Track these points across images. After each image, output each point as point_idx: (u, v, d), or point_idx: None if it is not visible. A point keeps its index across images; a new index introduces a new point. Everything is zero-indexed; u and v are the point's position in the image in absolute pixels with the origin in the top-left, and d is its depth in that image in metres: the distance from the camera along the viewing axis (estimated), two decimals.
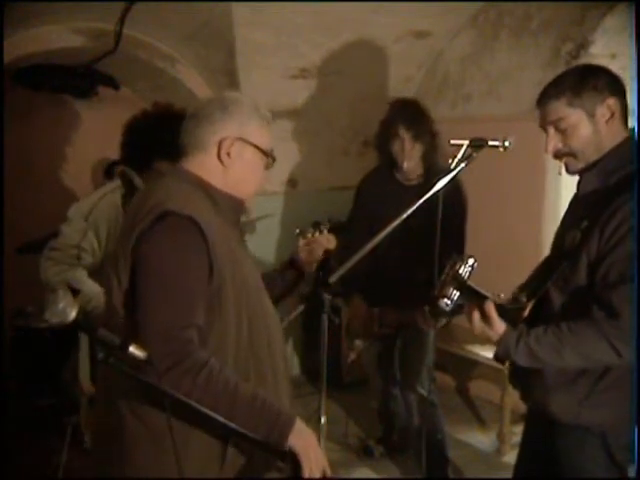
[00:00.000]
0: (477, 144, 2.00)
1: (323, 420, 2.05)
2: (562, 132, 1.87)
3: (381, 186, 3.24)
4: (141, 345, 1.40)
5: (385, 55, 4.21)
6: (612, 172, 1.82)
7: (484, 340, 1.94)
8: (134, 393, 1.55)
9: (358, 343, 3.31)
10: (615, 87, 1.86)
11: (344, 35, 3.96)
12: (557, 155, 1.91)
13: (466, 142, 2.01)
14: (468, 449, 3.69)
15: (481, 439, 3.80)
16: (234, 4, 3.53)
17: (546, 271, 1.95)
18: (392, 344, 3.38)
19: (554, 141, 1.88)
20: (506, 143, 1.97)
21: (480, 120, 4.09)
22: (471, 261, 1.85)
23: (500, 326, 1.82)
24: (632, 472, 1.91)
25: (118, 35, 3.66)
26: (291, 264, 2.22)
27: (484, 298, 1.83)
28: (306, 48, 3.98)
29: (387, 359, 3.44)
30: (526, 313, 1.84)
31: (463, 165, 1.99)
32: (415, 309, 3.08)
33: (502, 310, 1.84)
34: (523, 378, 1.98)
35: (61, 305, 1.34)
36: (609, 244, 1.73)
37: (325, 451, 2.09)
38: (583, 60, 3.63)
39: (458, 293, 1.84)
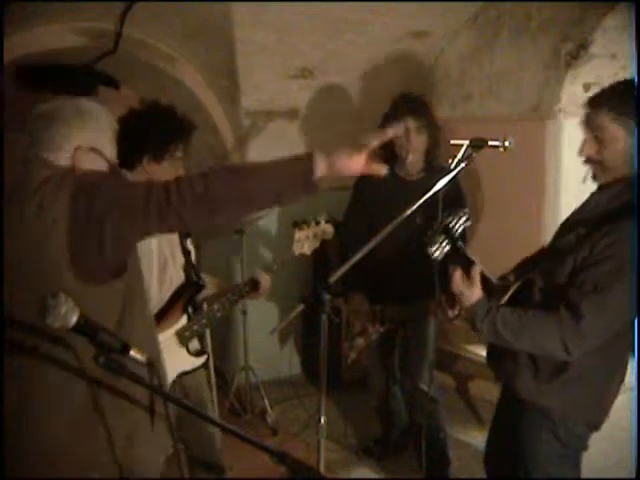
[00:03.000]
0: (477, 144, 2.02)
1: (323, 420, 2.06)
2: (600, 141, 1.93)
3: (380, 182, 3.20)
4: None
5: (385, 55, 4.21)
6: (620, 198, 1.91)
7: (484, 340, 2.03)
8: None
9: (360, 342, 3.29)
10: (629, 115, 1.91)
11: (344, 35, 3.96)
12: (588, 161, 1.98)
13: (466, 142, 2.03)
14: (468, 449, 3.68)
15: (481, 439, 3.78)
16: (234, 4, 3.54)
17: (538, 259, 2.09)
18: (392, 341, 3.37)
19: (589, 147, 1.96)
20: (506, 143, 1.99)
21: (480, 120, 4.09)
22: (464, 217, 2.02)
23: (477, 292, 1.95)
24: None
25: (118, 35, 3.66)
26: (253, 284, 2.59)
27: (470, 261, 1.99)
28: (306, 48, 3.98)
29: (388, 357, 3.44)
30: (511, 292, 1.98)
31: (463, 165, 2.01)
32: (417, 303, 3.08)
33: (490, 285, 1.98)
34: (498, 357, 2.11)
35: (63, 310, 1.34)
36: (595, 258, 1.85)
37: (325, 451, 2.10)
38: (583, 60, 3.63)
39: (448, 246, 2.00)
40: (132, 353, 1.36)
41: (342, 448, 3.69)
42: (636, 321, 1.93)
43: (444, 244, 2.00)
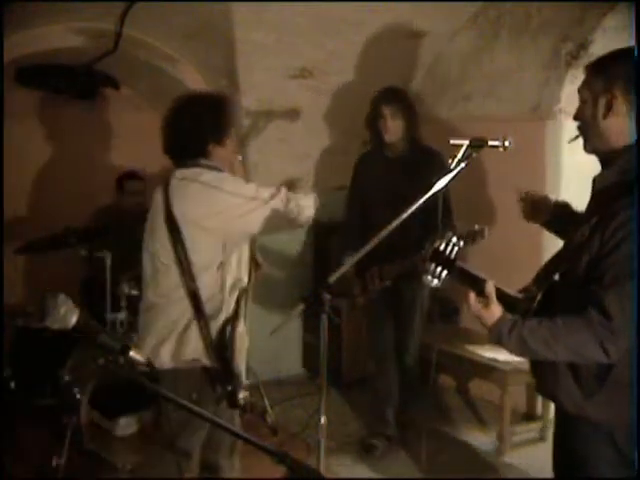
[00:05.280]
0: (477, 144, 2.00)
1: (323, 420, 2.05)
2: (592, 106, 1.84)
3: (371, 163, 3.67)
4: None
5: (385, 55, 4.21)
6: (628, 171, 1.79)
7: (485, 340, 1.94)
8: None
9: (360, 300, 3.57)
10: (628, 85, 1.78)
11: (344, 35, 3.96)
12: (580, 127, 1.91)
13: (466, 142, 2.01)
14: (468, 449, 3.69)
15: (481, 439, 3.80)
16: (234, 4, 3.54)
17: (557, 262, 1.97)
18: (390, 310, 3.66)
19: (576, 111, 1.90)
20: (506, 143, 1.98)
21: (480, 120, 4.08)
22: (454, 238, 1.92)
23: (496, 310, 1.84)
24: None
25: (118, 35, 3.66)
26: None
27: (479, 280, 1.87)
28: (306, 48, 3.98)
29: (387, 321, 3.70)
30: (535, 303, 1.86)
31: (463, 165, 2.00)
32: (410, 260, 3.26)
33: (510, 300, 1.87)
34: (539, 367, 1.98)
35: (62, 310, 1.33)
36: (607, 246, 1.74)
37: (325, 451, 2.09)
38: (583, 60, 3.63)
39: (445, 271, 1.90)
40: (132, 354, 1.36)
41: (342, 448, 3.69)
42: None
43: (438, 271, 1.90)
